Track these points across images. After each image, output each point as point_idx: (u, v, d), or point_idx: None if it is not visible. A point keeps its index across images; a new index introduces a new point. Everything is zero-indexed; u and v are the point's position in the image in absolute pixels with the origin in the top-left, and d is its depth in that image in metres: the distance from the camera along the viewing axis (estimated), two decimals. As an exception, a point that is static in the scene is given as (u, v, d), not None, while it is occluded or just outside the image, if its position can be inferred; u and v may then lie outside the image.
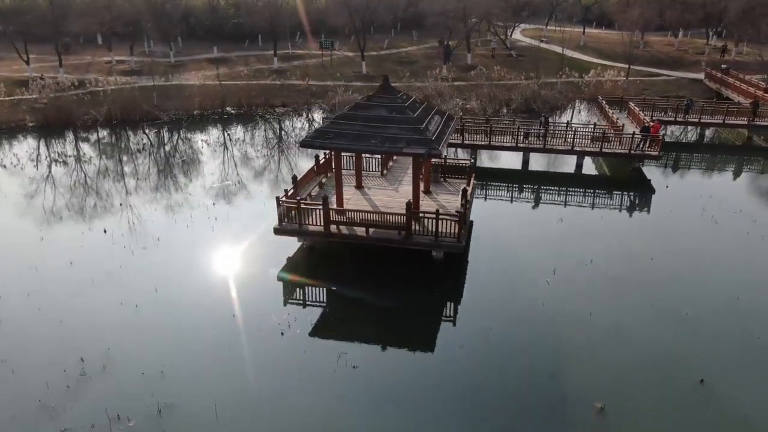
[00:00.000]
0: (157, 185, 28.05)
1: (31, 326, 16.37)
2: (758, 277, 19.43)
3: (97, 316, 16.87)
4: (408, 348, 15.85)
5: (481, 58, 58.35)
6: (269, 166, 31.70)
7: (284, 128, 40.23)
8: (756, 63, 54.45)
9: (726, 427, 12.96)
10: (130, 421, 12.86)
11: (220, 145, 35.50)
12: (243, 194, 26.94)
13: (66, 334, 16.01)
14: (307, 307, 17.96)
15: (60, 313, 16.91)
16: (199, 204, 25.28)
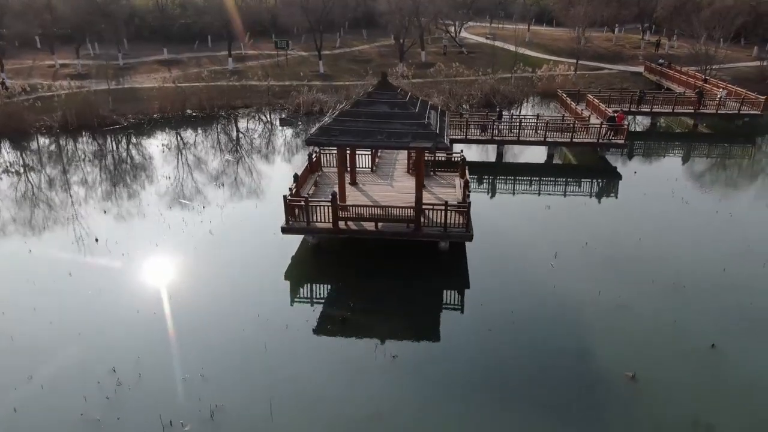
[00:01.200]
0: (137, 191, 27.12)
1: (48, 341, 15.66)
2: (736, 250, 21.11)
3: (115, 326, 16.32)
4: (437, 334, 16.28)
5: (433, 55, 59.47)
6: (248, 167, 31.25)
7: (255, 129, 39.61)
8: (687, 56, 58.37)
9: (740, 385, 14.14)
10: (185, 426, 12.65)
11: (191, 149, 34.64)
12: (232, 196, 26.49)
13: (87, 346, 15.42)
14: (325, 303, 18.05)
15: (75, 325, 16.26)
16: (190, 208, 24.73)
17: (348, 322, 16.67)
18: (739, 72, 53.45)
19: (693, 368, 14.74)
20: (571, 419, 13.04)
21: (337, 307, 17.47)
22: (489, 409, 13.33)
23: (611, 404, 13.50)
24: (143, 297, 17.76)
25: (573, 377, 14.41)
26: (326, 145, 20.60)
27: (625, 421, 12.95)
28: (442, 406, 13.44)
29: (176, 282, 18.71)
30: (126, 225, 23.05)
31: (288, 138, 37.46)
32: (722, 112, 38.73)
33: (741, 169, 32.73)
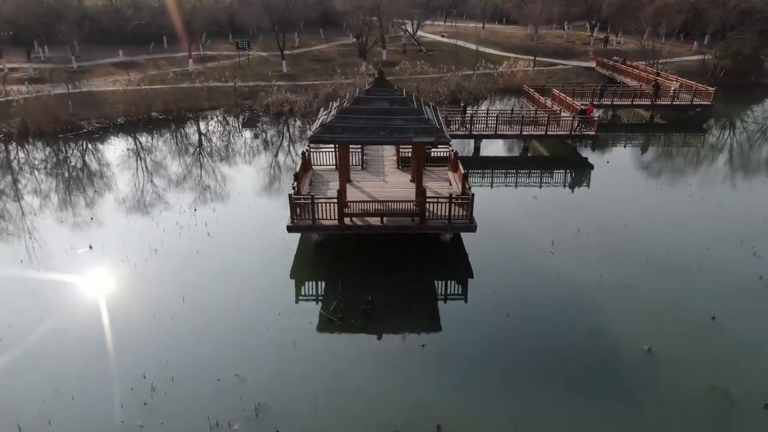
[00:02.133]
0: (118, 196, 26.26)
1: (66, 352, 15.14)
2: (715, 230, 22.56)
3: (135, 332, 15.97)
4: (458, 322, 16.71)
5: (393, 54, 60.08)
6: (231, 168, 30.79)
7: (228, 131, 38.94)
8: (634, 51, 61.32)
9: (741, 353, 15.28)
10: (233, 426, 12.60)
11: (165, 152, 33.80)
12: (221, 198, 26.11)
13: (110, 354, 15.04)
14: (342, 298, 18.13)
15: (91, 334, 15.78)
16: (180, 211, 24.23)
17: (369, 315, 16.88)
18: (682, 66, 56.65)
19: (700, 339, 15.79)
20: (600, 392, 13.77)
21: (355, 302, 17.59)
22: (523, 387, 13.89)
23: (633, 377, 14.31)
24: (155, 302, 17.40)
25: (593, 354, 15.18)
26: (329, 142, 20.76)
27: (648, 392, 13.77)
28: (480, 387, 13.91)
29: (186, 285, 18.36)
30: (116, 231, 22.35)
31: (268, 138, 37.11)
32: (677, 103, 41.05)
33: (699, 156, 34.81)
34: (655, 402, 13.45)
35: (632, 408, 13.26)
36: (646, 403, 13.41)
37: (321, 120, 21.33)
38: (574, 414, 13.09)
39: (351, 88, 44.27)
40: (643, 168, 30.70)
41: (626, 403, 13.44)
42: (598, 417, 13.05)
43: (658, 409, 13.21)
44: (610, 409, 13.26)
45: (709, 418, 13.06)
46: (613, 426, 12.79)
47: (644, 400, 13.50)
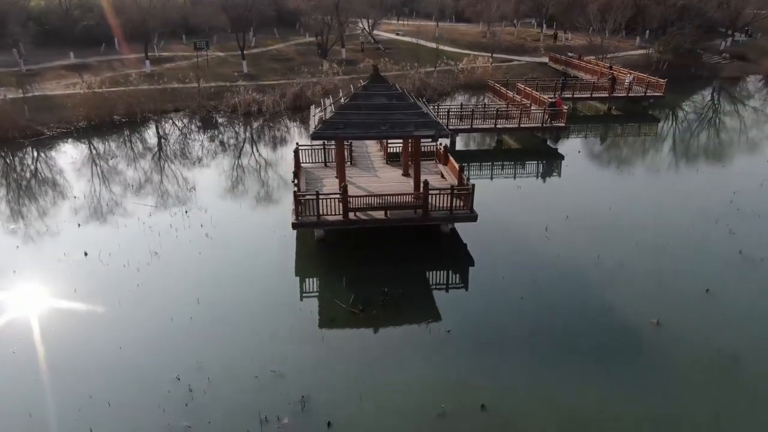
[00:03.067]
0: (103, 200, 25.38)
1: (91, 360, 14.72)
2: (690, 212, 24.13)
3: (157, 336, 15.71)
4: (475, 307, 17.28)
5: (351, 52, 60.24)
6: (211, 168, 30.24)
7: (199, 132, 38.10)
8: (582, 46, 63.97)
9: (739, 320, 16.53)
10: (282, 420, 12.65)
11: (135, 155, 32.81)
12: (211, 198, 25.66)
13: (137, 359, 14.72)
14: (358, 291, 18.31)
15: (113, 340, 15.39)
16: (172, 213, 23.73)
17: (389, 306, 17.18)
18: (628, 60, 59.52)
19: (699, 310, 16.97)
20: (620, 362, 14.64)
21: (371, 294, 17.81)
22: (548, 363, 14.56)
23: (647, 347, 15.27)
24: (170, 305, 17.10)
25: (607, 329, 16.07)
26: (331, 138, 20.90)
27: (662, 359, 14.74)
28: (508, 364, 14.52)
29: (197, 286, 18.09)
30: (107, 236, 21.67)
31: (244, 138, 36.59)
32: (632, 95, 43.25)
33: (659, 143, 36.87)
34: (670, 367, 14.43)
35: (651, 374, 14.17)
36: (663, 368, 14.37)
37: (319, 117, 21.42)
38: (601, 385, 13.89)
39: (318, 87, 44.47)
40: (611, 156, 32.36)
41: (645, 370, 14.35)
42: (622, 385, 13.87)
43: (674, 374, 14.18)
44: (632, 376, 14.12)
45: (720, 378, 14.11)
46: (638, 391, 13.61)
47: (660, 366, 14.46)
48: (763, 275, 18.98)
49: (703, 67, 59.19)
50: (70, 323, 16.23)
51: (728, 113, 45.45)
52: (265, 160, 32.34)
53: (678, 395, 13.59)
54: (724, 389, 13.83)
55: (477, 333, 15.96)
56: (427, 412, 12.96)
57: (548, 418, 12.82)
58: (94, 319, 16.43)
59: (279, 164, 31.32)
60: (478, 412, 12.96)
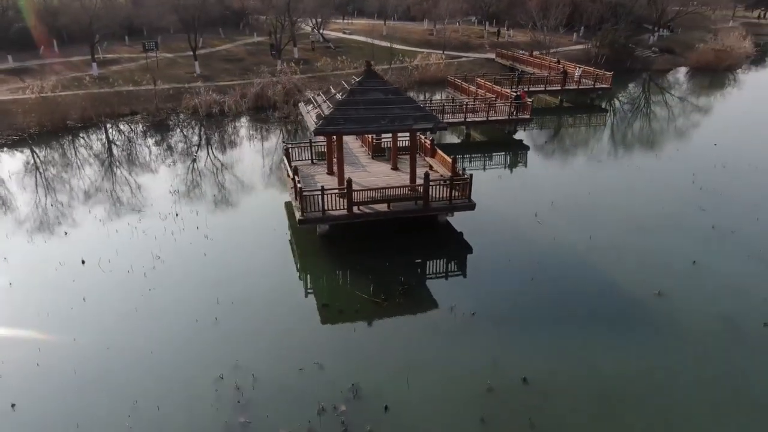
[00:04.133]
0: (86, 207, 24.35)
1: (122, 364, 14.35)
2: (660, 193, 25.95)
3: (186, 337, 15.49)
4: (492, 290, 18.01)
5: (302, 51, 59.98)
6: (189, 170, 29.53)
7: (165, 135, 36.92)
8: (524, 43, 66.58)
9: (728, 286, 18.10)
10: (338, 408, 12.87)
11: (105, 160, 31.56)
12: (199, 201, 25.17)
13: (172, 362, 14.51)
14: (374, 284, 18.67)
15: (142, 346, 15.05)
16: (162, 216, 23.13)
17: (408, 294, 17.66)
18: (569, 54, 62.45)
19: (690, 280, 18.45)
20: (633, 330, 15.79)
21: (387, 284, 18.23)
22: (568, 334, 15.53)
23: (654, 315, 16.50)
24: (190, 307, 16.86)
25: (616, 301, 17.26)
26: (333, 133, 21.12)
27: (669, 325, 16.01)
28: (536, 339, 15.38)
29: (213, 287, 17.86)
30: (100, 243, 20.87)
31: (214, 138, 35.80)
32: (582, 87, 45.60)
33: (612, 132, 39.19)
34: (678, 330, 15.74)
35: (662, 337, 15.45)
36: (672, 331, 15.67)
37: (316, 113, 21.54)
38: (621, 349, 14.96)
39: (279, 87, 44.15)
40: (574, 145, 34.21)
41: (657, 334, 15.58)
42: (639, 348, 14.99)
43: (682, 335, 15.49)
44: (647, 340, 15.29)
45: (722, 338, 15.51)
46: (654, 352, 14.76)
47: (669, 330, 15.75)
48: (737, 245, 20.77)
49: (636, 60, 63.00)
50: (92, 332, 15.69)
51: (669, 102, 48.81)
52: (246, 160, 31.88)
53: (689, 352, 14.88)
54: (723, 343, 15.28)
55: (498, 313, 16.70)
56: (475, 389, 13.55)
57: (582, 383, 13.74)
58: (115, 327, 15.95)
59: (259, 163, 31.09)
60: (521, 385, 13.68)
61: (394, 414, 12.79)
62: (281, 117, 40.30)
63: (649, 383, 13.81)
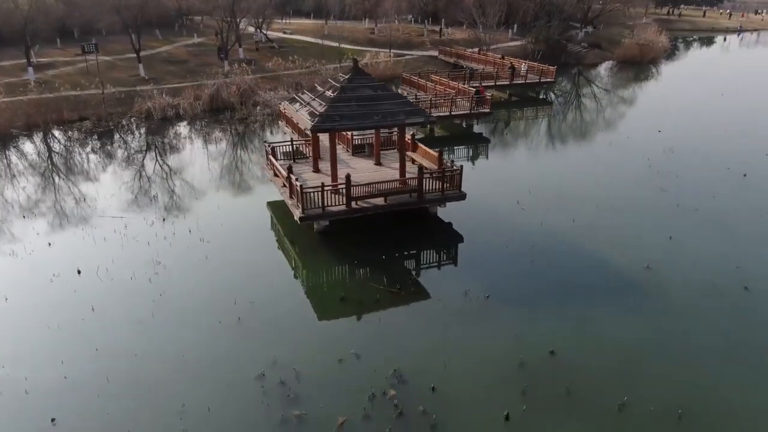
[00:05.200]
0: (67, 216, 23.24)
1: (156, 369, 14.11)
2: (622, 176, 27.92)
3: (214, 339, 15.40)
4: (497, 275, 18.89)
5: (247, 52, 59.03)
6: (164, 174, 28.68)
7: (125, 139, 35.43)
8: (464, 40, 68.53)
9: (706, 256, 19.85)
10: (388, 393, 13.28)
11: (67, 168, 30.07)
12: (179, 204, 24.60)
13: (208, 363, 14.40)
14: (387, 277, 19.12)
15: (172, 350, 14.83)
16: (150, 222, 22.51)
17: (420, 283, 18.31)
18: (507, 51, 64.85)
19: (671, 254, 20.11)
20: (632, 298, 17.22)
21: (399, 274, 18.80)
22: (577, 308, 16.67)
23: (646, 286, 18.00)
24: (209, 308, 16.71)
25: (611, 275, 18.68)
26: (330, 130, 21.34)
27: (661, 294, 17.53)
28: (550, 315, 16.39)
29: (226, 288, 17.73)
30: (92, 252, 20.09)
31: (180, 141, 34.74)
32: (528, 82, 47.75)
33: (561, 123, 41.48)
34: (670, 298, 17.33)
35: (659, 304, 16.91)
36: (664, 299, 17.23)
37: (309, 111, 21.66)
38: (626, 317, 16.27)
39: (234, 88, 43.46)
40: (533, 135, 35.94)
41: (654, 302, 17.02)
42: (641, 314, 16.40)
43: (675, 302, 17.05)
44: (646, 308, 16.71)
45: (710, 301, 17.16)
46: (654, 319, 16.16)
47: (662, 299, 17.28)
48: (703, 221, 22.79)
49: (570, 55, 66.40)
50: (113, 340, 15.25)
51: (608, 93, 52.13)
52: (217, 161, 31.26)
53: (685, 316, 16.45)
54: (712, 305, 16.96)
55: (509, 295, 17.65)
56: (508, 364, 14.36)
57: (602, 351, 14.89)
58: (135, 333, 15.58)
59: (232, 164, 30.72)
60: (550, 357, 14.63)
61: (441, 393, 13.37)
62: (241, 118, 39.70)
63: (658, 345, 15.19)
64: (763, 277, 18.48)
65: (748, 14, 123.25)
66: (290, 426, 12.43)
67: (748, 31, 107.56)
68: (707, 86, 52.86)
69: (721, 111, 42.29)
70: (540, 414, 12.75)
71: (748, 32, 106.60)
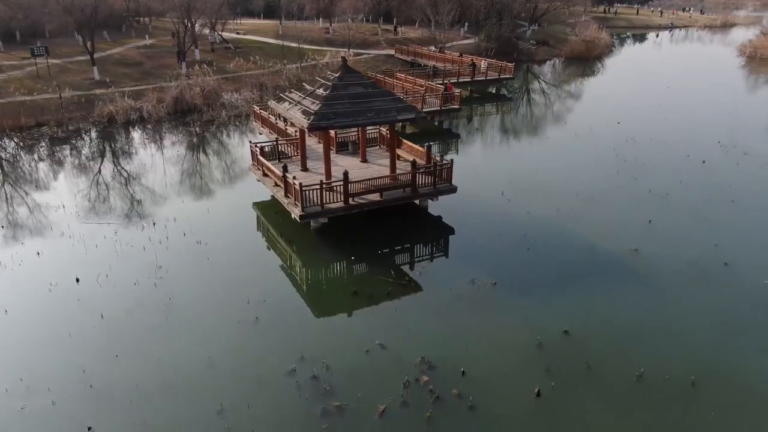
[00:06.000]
0: (52, 225, 22.35)
1: (185, 373, 14.00)
2: (593, 168, 29.23)
3: (235, 339, 15.42)
4: (491, 263, 19.57)
5: (202, 53, 57.87)
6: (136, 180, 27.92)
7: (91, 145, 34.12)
8: (418, 39, 69.49)
9: (684, 236, 21.29)
10: (421, 380, 13.71)
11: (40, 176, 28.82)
12: (165, 209, 24.09)
13: (235, 363, 14.41)
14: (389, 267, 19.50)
15: (196, 352, 14.74)
16: (140, 227, 22.03)
17: (425, 273, 18.83)
18: (461, 48, 66.17)
19: (651, 236, 21.41)
20: (624, 279, 18.35)
21: (407, 265, 19.27)
22: (578, 290, 17.66)
23: (635, 267, 19.19)
24: (223, 309, 16.69)
25: (602, 258, 19.84)
26: (327, 128, 21.52)
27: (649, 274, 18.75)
28: (553, 296, 17.27)
29: (235, 288, 17.70)
30: (85, 259, 19.51)
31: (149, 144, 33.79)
32: (489, 78, 49.08)
33: (526, 117, 42.97)
34: (659, 277, 18.56)
35: (649, 283, 18.13)
36: (654, 278, 18.46)
37: (302, 109, 21.70)
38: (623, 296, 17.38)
39: (197, 89, 42.68)
40: (500, 129, 37.17)
41: (644, 282, 18.24)
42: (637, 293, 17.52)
43: (663, 280, 18.31)
44: (639, 287, 17.86)
45: (695, 278, 18.49)
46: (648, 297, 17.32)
47: (652, 277, 18.50)
48: (675, 205, 24.29)
49: (521, 52, 68.45)
50: (131, 346, 15.00)
51: (563, 88, 54.35)
52: (193, 164, 30.81)
53: (674, 291, 17.73)
54: (698, 281, 18.32)
55: (514, 281, 18.40)
56: (527, 345, 15.07)
57: (610, 327, 15.86)
58: (153, 338, 15.38)
59: (209, 166, 30.33)
60: (564, 336, 15.44)
61: (471, 377, 13.90)
62: (208, 120, 39.05)
63: (659, 318, 16.32)
64: (740, 252, 19.98)
65: (678, 12, 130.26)
66: (332, 417, 12.65)
67: (678, 28, 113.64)
68: (653, 80, 55.64)
69: (670, 102, 44.80)
70: (567, 389, 13.49)
71: (677, 29, 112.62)
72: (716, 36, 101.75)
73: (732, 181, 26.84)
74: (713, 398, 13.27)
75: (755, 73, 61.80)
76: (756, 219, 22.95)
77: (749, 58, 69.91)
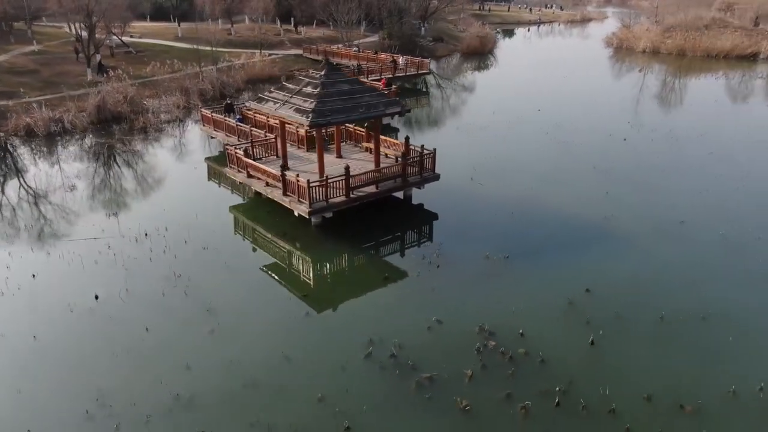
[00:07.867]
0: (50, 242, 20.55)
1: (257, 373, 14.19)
2: (553, 153, 32.19)
3: (298, 330, 15.79)
4: (495, 240, 21.35)
5: (103, 58, 54.18)
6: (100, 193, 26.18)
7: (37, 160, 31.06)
8: (321, 38, 70.14)
9: (667, 204, 24.56)
10: (489, 344, 15.07)
11: None
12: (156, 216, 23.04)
13: (313, 354, 14.87)
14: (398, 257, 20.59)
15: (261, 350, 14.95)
16: (131, 239, 21.04)
17: (443, 254, 20.17)
18: (367, 46, 67.98)
19: (615, 205, 24.41)
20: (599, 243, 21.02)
21: (414, 255, 20.45)
22: (577, 257, 20.03)
23: (609, 233, 21.96)
24: (266, 307, 16.88)
25: (583, 225, 22.43)
26: (326, 125, 22.00)
27: (625, 234, 21.63)
28: (563, 263, 19.42)
29: (262, 288, 17.97)
30: (93, 275, 18.47)
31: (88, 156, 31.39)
32: (408, 74, 51.19)
33: (453, 107, 45.65)
34: (628, 237, 21.46)
35: (626, 244, 20.92)
36: (625, 239, 21.27)
37: (296, 107, 21.95)
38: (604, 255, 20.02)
39: (120, 95, 40.40)
40: (437, 122, 39.49)
41: (623, 243, 20.98)
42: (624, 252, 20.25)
43: (634, 239, 21.23)
44: (622, 248, 20.60)
45: (659, 235, 21.60)
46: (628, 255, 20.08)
47: (624, 239, 21.28)
48: (619, 178, 27.68)
49: (422, 49, 71.52)
50: (201, 356, 14.75)
51: (473, 80, 57.96)
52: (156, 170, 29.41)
53: (643, 248, 20.64)
54: (661, 238, 21.40)
55: (521, 253, 20.28)
56: (560, 304, 17.01)
57: (621, 284, 18.25)
58: (217, 346, 15.20)
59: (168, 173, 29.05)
60: (588, 295, 17.55)
61: (529, 337, 15.50)
62: (141, 128, 37.12)
63: (655, 270, 19.03)
64: (688, 212, 23.51)
65: (542, 8, 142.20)
66: (428, 387, 13.61)
67: (544, 23, 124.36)
68: (547, 70, 60.91)
69: (571, 90, 49.74)
70: (611, 334, 15.55)
71: (544, 24, 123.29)
72: (577, 30, 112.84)
73: (653, 153, 31.02)
74: (721, 330, 15.94)
75: (624, 61, 69.80)
76: (688, 184, 26.80)
77: (616, 48, 78.72)
